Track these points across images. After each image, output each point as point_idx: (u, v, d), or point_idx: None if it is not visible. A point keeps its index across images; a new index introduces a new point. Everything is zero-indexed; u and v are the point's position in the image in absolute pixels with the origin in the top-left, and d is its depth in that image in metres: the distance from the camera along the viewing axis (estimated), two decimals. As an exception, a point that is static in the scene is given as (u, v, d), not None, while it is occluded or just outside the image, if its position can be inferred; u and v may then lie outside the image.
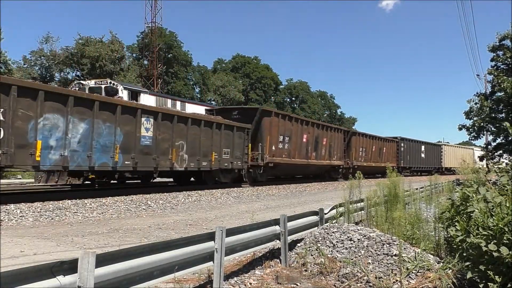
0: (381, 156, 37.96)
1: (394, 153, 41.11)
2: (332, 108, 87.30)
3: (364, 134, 36.02)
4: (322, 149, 28.01)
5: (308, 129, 26.15)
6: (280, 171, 24.56)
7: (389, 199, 8.83)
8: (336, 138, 30.52)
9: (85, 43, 42.99)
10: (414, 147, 45.28)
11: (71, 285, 2.96)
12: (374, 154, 36.48)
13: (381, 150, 38.06)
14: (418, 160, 46.17)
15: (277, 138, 22.46)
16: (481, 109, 29.44)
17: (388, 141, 40.59)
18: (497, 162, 24.85)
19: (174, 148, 15.69)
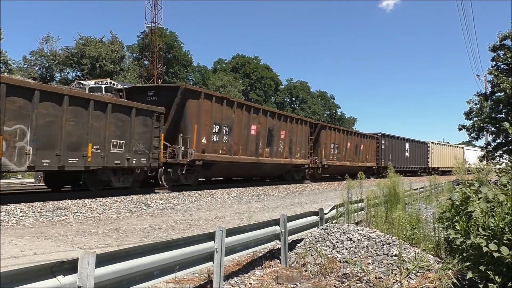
0: (358, 154, 33.59)
1: (374, 151, 36.83)
2: (332, 108, 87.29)
3: (337, 128, 31.64)
4: (280, 145, 23.08)
5: (258, 118, 21.06)
6: (216, 171, 19.41)
7: (389, 199, 8.84)
8: (300, 131, 25.37)
9: (85, 43, 43.04)
10: (397, 145, 41.13)
11: (71, 285, 2.96)
12: (349, 152, 31.94)
13: (358, 148, 33.57)
14: (402, 159, 41.92)
15: (210, 128, 17.56)
16: (481, 109, 29.45)
17: (367, 137, 36.02)
18: (497, 162, 24.86)
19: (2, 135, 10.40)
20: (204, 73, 64.13)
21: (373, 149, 36.73)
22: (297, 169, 26.37)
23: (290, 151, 24.37)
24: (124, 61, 46.43)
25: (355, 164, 32.38)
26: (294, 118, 25.55)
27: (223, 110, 18.39)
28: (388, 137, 39.51)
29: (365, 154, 35.03)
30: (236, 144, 19.37)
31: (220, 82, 59.50)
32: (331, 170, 29.83)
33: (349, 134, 32.88)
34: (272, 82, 72.86)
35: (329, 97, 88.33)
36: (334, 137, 29.83)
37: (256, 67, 72.00)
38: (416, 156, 45.85)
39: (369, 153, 35.93)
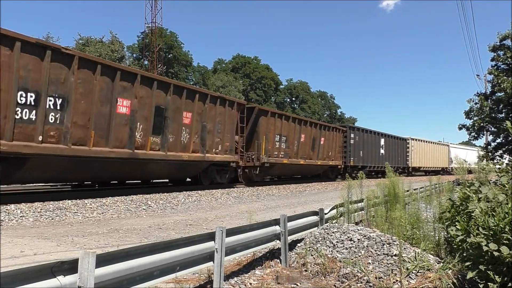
0: (316, 150, 26.96)
1: (339, 147, 30.55)
2: (332, 108, 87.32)
3: (284, 115, 24.20)
4: (182, 133, 16.06)
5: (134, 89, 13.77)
6: None
7: (389, 199, 8.84)
8: (221, 115, 18.52)
9: (85, 43, 43.07)
10: (370, 140, 35.05)
11: (71, 285, 2.97)
12: (303, 147, 25.31)
13: (316, 142, 26.88)
14: (376, 157, 35.80)
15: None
16: (481, 109, 29.43)
17: (329, 129, 29.07)
18: (496, 162, 24.86)
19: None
20: (204, 73, 64.17)
21: (338, 145, 30.30)
22: (220, 169, 19.62)
23: (203, 142, 17.37)
24: (124, 61, 46.45)
25: (312, 163, 26.40)
26: (209, 95, 17.86)
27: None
28: (358, 131, 33.54)
29: (327, 150, 28.54)
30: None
31: (220, 82, 59.52)
32: (276, 170, 23.89)
33: (302, 123, 25.48)
34: (272, 82, 72.88)
35: (329, 97, 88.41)
36: (280, 126, 23.06)
37: (256, 67, 72.02)
38: (393, 154, 39.91)
39: (333, 149, 29.37)
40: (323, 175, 30.69)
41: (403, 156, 42.66)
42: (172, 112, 15.57)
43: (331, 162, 29.52)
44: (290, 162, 24.34)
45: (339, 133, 30.73)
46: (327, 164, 29.21)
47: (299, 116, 29.28)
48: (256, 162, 21.23)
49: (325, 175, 30.77)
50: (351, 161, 31.62)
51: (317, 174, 30.28)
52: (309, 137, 26.26)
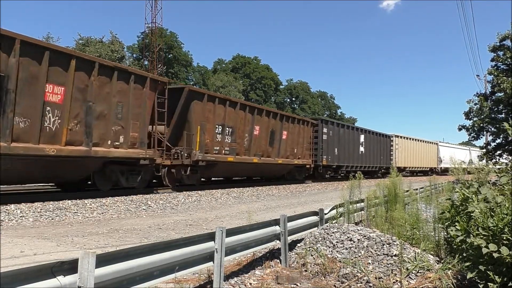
0: (276, 146, 22.48)
1: (309, 143, 26.25)
2: (332, 108, 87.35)
3: (229, 101, 19.01)
4: (44, 115, 11.18)
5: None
6: None
7: (389, 199, 8.84)
8: (122, 94, 13.62)
9: (85, 43, 43.09)
10: (347, 136, 30.83)
11: (71, 285, 2.97)
12: (258, 142, 20.77)
13: (276, 136, 22.45)
14: (354, 156, 31.89)
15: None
16: (480, 109, 29.42)
17: (294, 121, 24.56)
18: (496, 162, 24.87)
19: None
20: (204, 73, 64.18)
21: (307, 140, 25.94)
22: (124, 168, 14.32)
23: (88, 130, 12.51)
24: (124, 61, 46.48)
25: (270, 161, 21.94)
26: (98, 64, 12.68)
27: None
28: (332, 125, 29.14)
29: (291, 146, 24.08)
30: None
31: (220, 83, 59.56)
32: (219, 170, 19.01)
33: (256, 112, 20.54)
34: (272, 82, 72.93)
35: (329, 97, 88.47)
36: (224, 115, 18.24)
37: (256, 67, 72.06)
38: (375, 153, 35.90)
39: (300, 145, 24.96)
40: (289, 176, 26.12)
41: (386, 155, 38.59)
42: (22, 82, 10.59)
43: (297, 161, 24.93)
44: (239, 160, 19.50)
45: (307, 126, 26.04)
46: (291, 163, 24.58)
47: (250, 103, 23.45)
48: (185, 159, 16.33)
49: (291, 176, 26.23)
50: (324, 160, 27.20)
51: (280, 175, 25.62)
52: (266, 130, 21.55)
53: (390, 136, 39.86)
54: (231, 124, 19.03)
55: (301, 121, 25.77)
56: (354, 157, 32.00)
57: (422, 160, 46.41)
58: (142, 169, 15.06)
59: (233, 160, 19.22)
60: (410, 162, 42.74)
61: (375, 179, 31.21)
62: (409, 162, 42.66)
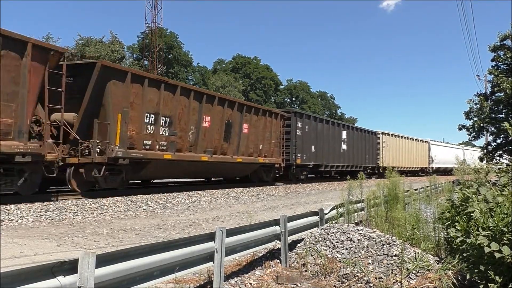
0: (234, 142, 18.92)
1: (277, 139, 22.65)
2: (332, 108, 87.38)
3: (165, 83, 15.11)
4: None
5: None
6: None
7: (389, 199, 8.84)
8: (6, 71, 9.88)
9: (85, 44, 43.03)
10: (326, 132, 27.49)
11: (71, 285, 2.97)
12: (209, 136, 17.21)
13: (234, 129, 18.82)
14: (335, 154, 28.60)
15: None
16: (481, 109, 29.41)
17: (259, 112, 20.89)
18: (496, 162, 24.87)
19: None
20: (204, 73, 64.17)
21: (276, 135, 22.44)
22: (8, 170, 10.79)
23: None
24: (124, 62, 46.45)
25: (225, 159, 18.30)
26: None
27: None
28: (309, 119, 25.68)
29: (255, 142, 20.49)
30: None
31: (220, 83, 59.54)
32: (152, 169, 15.24)
33: (205, 100, 16.87)
34: (272, 82, 72.92)
35: (329, 97, 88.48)
36: (158, 100, 14.53)
37: (256, 67, 72.06)
38: (359, 151, 32.74)
39: (266, 141, 21.48)
40: (254, 177, 22.34)
41: (372, 153, 35.46)
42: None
43: (263, 159, 21.26)
44: (181, 158, 15.78)
45: (277, 119, 22.47)
46: (255, 162, 20.83)
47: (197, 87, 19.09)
48: (97, 156, 12.64)
49: (256, 177, 22.39)
50: (298, 158, 23.82)
51: (243, 175, 22.28)
52: (220, 122, 17.95)
53: (376, 133, 36.63)
54: (169, 113, 15.19)
55: (268, 113, 21.96)
56: (335, 156, 28.70)
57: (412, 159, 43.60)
58: (25, 168, 11.05)
59: (172, 158, 15.31)
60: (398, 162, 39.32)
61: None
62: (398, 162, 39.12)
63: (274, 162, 22.49)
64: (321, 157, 26.68)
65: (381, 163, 35.88)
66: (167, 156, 15.25)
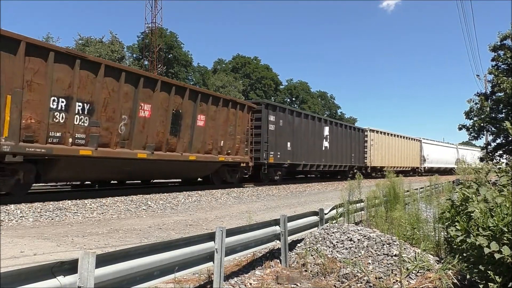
0: (184, 136, 15.87)
1: (244, 134, 19.53)
2: (332, 108, 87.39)
3: (82, 59, 11.74)
4: None
5: None
6: None
7: (389, 199, 8.85)
8: None
9: (85, 44, 43.09)
10: (305, 128, 24.91)
11: (71, 285, 2.97)
12: (149, 128, 14.26)
13: (185, 121, 15.82)
14: (315, 153, 26.02)
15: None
16: (481, 109, 29.41)
17: (219, 102, 17.63)
18: (496, 162, 24.86)
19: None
20: (204, 73, 64.17)
21: (242, 130, 19.33)
22: None
23: None
24: (124, 62, 46.49)
25: (174, 157, 15.37)
26: None
27: None
28: (284, 112, 22.95)
29: (215, 137, 17.45)
30: None
31: (220, 83, 59.54)
32: (68, 168, 12.38)
33: (142, 84, 13.73)
34: (272, 82, 72.94)
35: (329, 97, 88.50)
36: (71, 81, 11.56)
37: (256, 67, 72.07)
38: (343, 149, 30.21)
39: (230, 136, 18.36)
40: (216, 178, 19.12)
41: (359, 152, 33.09)
42: None
43: (224, 157, 18.07)
44: (107, 155, 12.81)
45: (243, 112, 19.26)
46: (215, 161, 17.63)
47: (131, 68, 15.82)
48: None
49: (219, 178, 19.28)
50: (270, 157, 21.22)
51: (200, 176, 19.43)
52: (165, 112, 14.90)
53: (363, 130, 34.50)
54: (89, 98, 12.08)
55: (232, 104, 18.55)
56: (316, 154, 26.19)
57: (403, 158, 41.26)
58: None
59: (92, 154, 12.25)
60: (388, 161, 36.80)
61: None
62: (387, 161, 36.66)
63: (239, 160, 19.46)
64: (299, 155, 24.27)
65: (369, 162, 34.04)
66: (85, 152, 12.06)
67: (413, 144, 44.34)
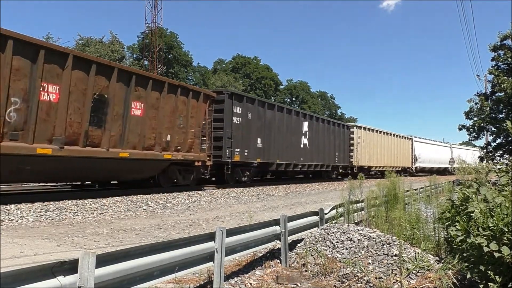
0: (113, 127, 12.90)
1: (200, 129, 16.57)
2: (332, 109, 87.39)
3: None
4: None
5: None
6: None
7: (389, 199, 8.85)
8: None
9: (85, 44, 43.10)
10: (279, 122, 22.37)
11: (71, 285, 2.97)
12: (59, 115, 11.08)
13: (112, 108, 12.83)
14: (293, 151, 23.68)
15: None
16: (481, 109, 29.40)
17: (165, 87, 14.76)
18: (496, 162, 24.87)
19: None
20: (204, 73, 64.19)
21: (197, 122, 16.26)
22: None
23: None
24: (124, 62, 46.50)
25: (96, 154, 12.40)
26: None
27: None
28: (252, 103, 20.05)
29: (159, 130, 14.63)
30: None
31: (220, 83, 59.54)
32: None
33: (44, 56, 10.51)
34: (272, 82, 72.93)
35: (329, 97, 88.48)
36: None
37: (256, 67, 72.06)
38: (325, 147, 27.62)
39: (180, 129, 15.53)
40: (165, 180, 15.92)
41: (344, 150, 30.74)
42: None
43: (171, 155, 15.11)
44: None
45: (199, 101, 16.26)
46: (158, 158, 14.66)
47: (24, 36, 10.14)
48: None
49: (167, 180, 16.04)
50: (236, 155, 18.52)
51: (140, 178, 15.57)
52: (82, 95, 11.90)
53: (349, 127, 32.43)
54: None
55: (182, 90, 15.59)
56: (292, 152, 23.71)
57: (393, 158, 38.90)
58: None
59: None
60: (376, 161, 34.86)
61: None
62: (376, 161, 34.70)
63: (193, 158, 16.34)
64: (271, 153, 21.69)
65: (356, 162, 31.65)
66: None
67: (404, 142, 42.21)
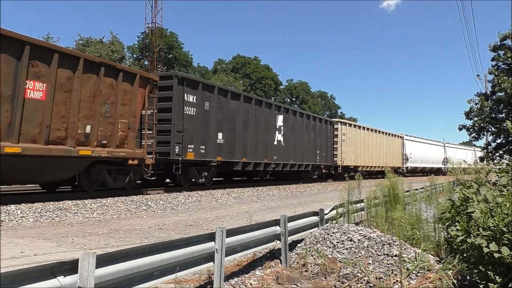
0: (16, 117, 9.78)
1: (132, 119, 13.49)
2: (332, 108, 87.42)
3: None
4: None
5: None
6: None
7: (389, 199, 8.84)
8: None
9: (85, 44, 43.11)
10: (245, 115, 19.46)
11: (71, 285, 2.97)
12: None
13: (16, 91, 9.66)
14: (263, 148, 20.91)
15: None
16: (481, 109, 29.39)
17: (79, 64, 11.22)
18: (497, 162, 24.85)
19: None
20: (205, 74, 64.23)
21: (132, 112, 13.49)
22: None
23: None
24: (124, 62, 46.52)
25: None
26: None
27: None
28: (211, 92, 17.31)
29: (72, 119, 11.42)
30: None
31: (220, 83, 59.52)
32: None
33: None
34: (272, 82, 72.96)
35: (329, 97, 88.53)
36: None
37: (256, 67, 72.10)
38: (304, 145, 24.82)
39: (107, 118, 12.66)
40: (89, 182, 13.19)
41: (326, 148, 27.89)
42: None
43: (91, 151, 12.24)
44: None
45: (133, 85, 13.42)
46: (70, 155, 11.60)
47: None
48: None
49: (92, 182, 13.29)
50: (189, 152, 15.94)
51: (53, 180, 13.13)
52: None
53: (332, 123, 29.49)
54: None
55: (107, 70, 12.50)
56: (263, 150, 20.95)
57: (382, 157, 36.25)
58: None
59: None
60: (364, 160, 32.40)
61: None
62: (363, 160, 32.23)
63: (125, 156, 13.40)
64: (236, 150, 18.78)
65: (340, 161, 28.96)
66: None
67: (394, 141, 39.50)
